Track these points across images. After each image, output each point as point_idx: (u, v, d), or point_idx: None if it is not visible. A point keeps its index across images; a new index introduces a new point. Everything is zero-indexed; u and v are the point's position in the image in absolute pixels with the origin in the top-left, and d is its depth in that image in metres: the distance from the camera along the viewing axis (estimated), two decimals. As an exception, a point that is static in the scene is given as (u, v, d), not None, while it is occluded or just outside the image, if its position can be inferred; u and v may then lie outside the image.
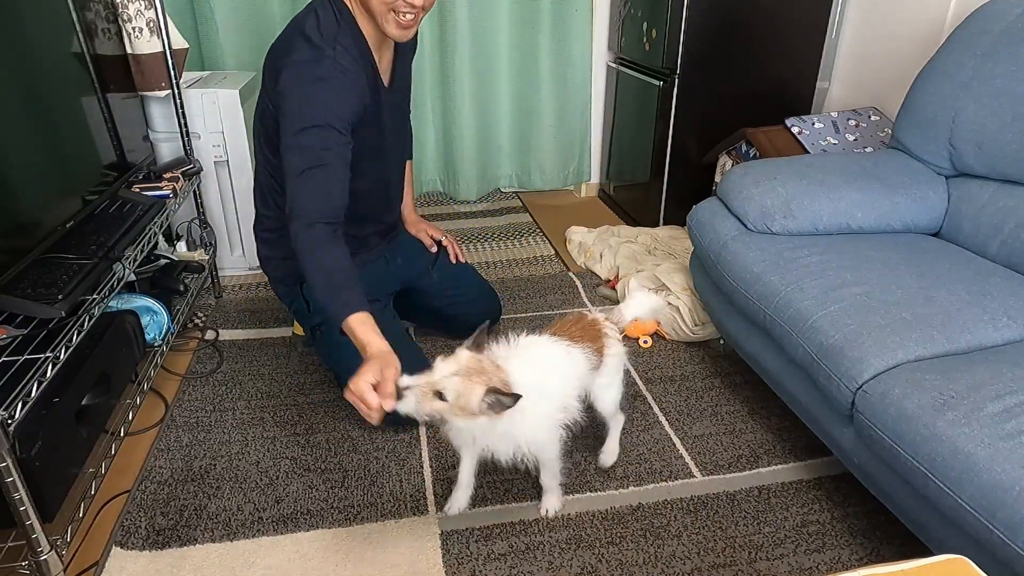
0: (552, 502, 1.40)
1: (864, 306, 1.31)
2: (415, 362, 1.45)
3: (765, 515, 1.40)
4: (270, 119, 1.48)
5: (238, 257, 2.43)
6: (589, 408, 1.42)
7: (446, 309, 1.94)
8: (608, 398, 1.45)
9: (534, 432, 1.24)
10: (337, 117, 1.38)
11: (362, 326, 1.25)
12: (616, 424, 1.54)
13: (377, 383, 1.14)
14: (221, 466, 1.53)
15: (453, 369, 1.12)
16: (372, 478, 1.50)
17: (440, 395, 1.11)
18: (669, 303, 2.04)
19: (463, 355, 1.15)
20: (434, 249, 1.96)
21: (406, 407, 1.13)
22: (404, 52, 1.65)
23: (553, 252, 2.66)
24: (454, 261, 1.98)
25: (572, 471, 1.52)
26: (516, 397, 1.10)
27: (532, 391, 1.16)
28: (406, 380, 1.14)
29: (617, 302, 2.22)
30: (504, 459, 1.26)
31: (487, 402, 1.11)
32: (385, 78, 1.57)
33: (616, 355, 1.41)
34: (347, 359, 1.61)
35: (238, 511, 1.41)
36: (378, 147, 1.61)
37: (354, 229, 1.68)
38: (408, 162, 1.93)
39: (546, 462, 1.34)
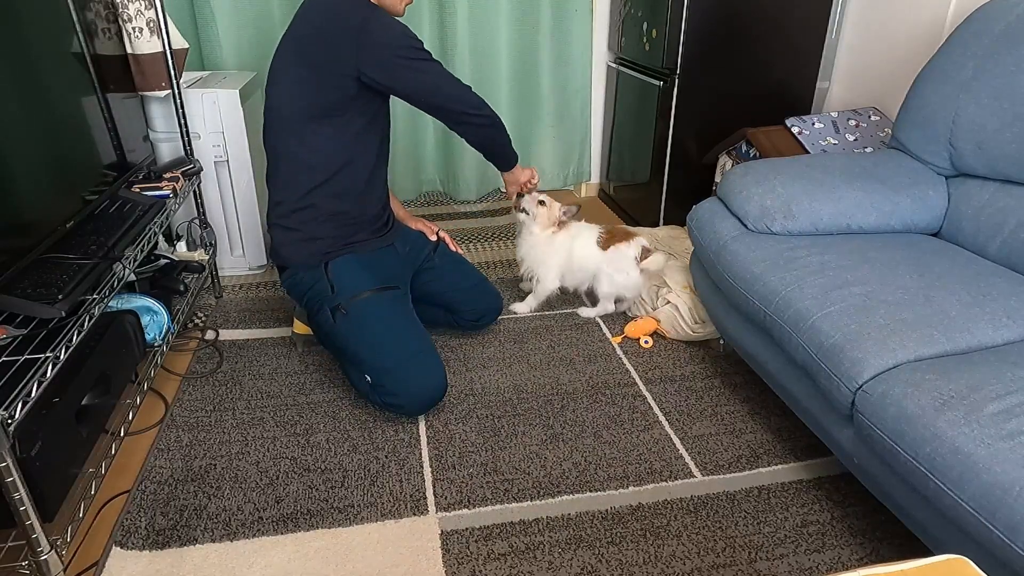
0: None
1: (864, 306, 1.31)
2: (425, 344, 1.69)
3: (765, 515, 1.40)
4: (329, 87, 1.58)
5: (238, 257, 2.43)
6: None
7: (448, 294, 1.97)
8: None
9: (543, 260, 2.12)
10: None
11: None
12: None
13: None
14: (221, 466, 1.53)
15: (542, 197, 2.11)
16: (372, 478, 1.50)
17: (540, 203, 2.07)
18: (669, 301, 2.04)
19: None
20: (434, 237, 2.02)
21: (526, 203, 2.08)
22: None
23: (553, 252, 2.66)
24: (454, 249, 2.06)
25: (572, 470, 1.52)
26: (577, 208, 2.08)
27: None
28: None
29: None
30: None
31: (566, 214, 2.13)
32: None
33: (624, 256, 2.07)
34: (377, 334, 1.65)
35: (238, 511, 1.41)
36: (388, 111, 1.77)
37: (379, 192, 1.80)
38: None
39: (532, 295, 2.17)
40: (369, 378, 1.64)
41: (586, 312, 2.19)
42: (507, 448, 1.59)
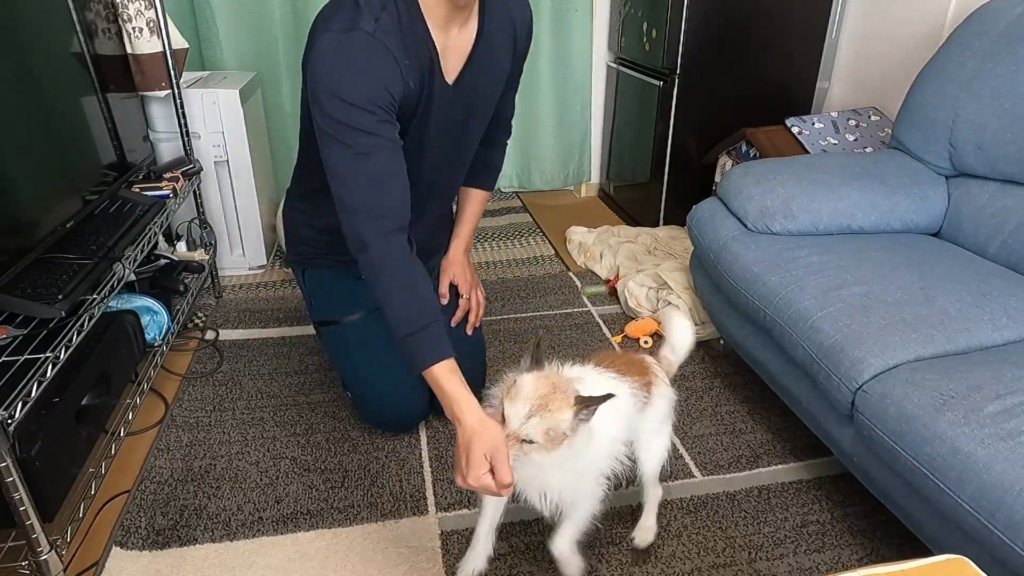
0: (571, 570, 1.17)
1: (864, 306, 1.31)
2: (400, 373, 1.46)
3: (765, 515, 1.40)
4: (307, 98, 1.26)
5: (238, 257, 2.43)
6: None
7: None
8: (655, 448, 1.25)
9: (578, 478, 1.08)
10: (378, 98, 1.16)
11: (451, 376, 1.10)
12: (654, 497, 1.34)
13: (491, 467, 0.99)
14: (221, 466, 1.53)
15: (524, 411, 0.98)
16: (372, 478, 1.50)
17: (528, 441, 0.99)
18: (670, 302, 2.04)
19: (527, 383, 1.00)
20: (444, 301, 1.67)
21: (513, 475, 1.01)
22: (491, 50, 1.35)
23: (553, 252, 2.66)
24: (469, 331, 1.70)
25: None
26: (606, 397, 0.98)
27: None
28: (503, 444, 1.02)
29: (606, 302, 2.23)
30: (538, 502, 1.11)
31: (581, 417, 0.99)
32: (449, 71, 1.30)
33: (666, 397, 1.23)
34: (350, 360, 1.61)
35: (238, 511, 1.41)
36: (415, 145, 1.35)
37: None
38: (481, 193, 1.72)
39: (577, 518, 1.14)
40: (349, 394, 1.67)
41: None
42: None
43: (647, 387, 1.18)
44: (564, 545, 1.15)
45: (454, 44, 1.29)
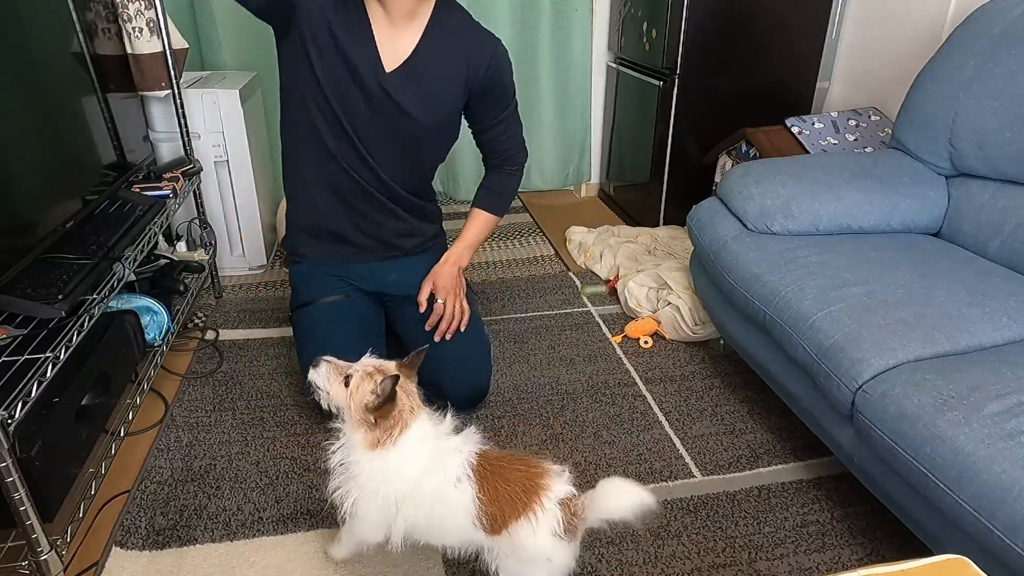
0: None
1: (864, 306, 1.31)
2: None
3: (765, 515, 1.40)
4: None
5: (238, 257, 2.43)
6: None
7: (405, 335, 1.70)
8: None
9: (360, 494, 1.09)
10: None
11: None
12: None
13: None
14: (221, 466, 1.53)
15: (373, 365, 1.08)
16: (372, 478, 1.50)
17: (347, 381, 1.06)
18: (670, 302, 2.04)
19: (388, 363, 1.10)
20: (421, 309, 1.63)
21: (316, 376, 1.10)
22: (427, 65, 1.50)
23: (553, 252, 2.66)
24: (437, 338, 1.60)
25: (572, 470, 1.51)
26: (394, 379, 1.01)
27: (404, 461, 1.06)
28: (329, 357, 1.11)
29: (606, 302, 2.23)
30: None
31: (376, 394, 1.02)
32: (387, 60, 1.48)
33: (531, 551, 1.01)
34: (322, 340, 1.59)
35: (238, 511, 1.41)
36: (354, 118, 1.50)
37: (335, 213, 1.64)
38: (484, 215, 1.73)
39: (346, 531, 1.19)
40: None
41: None
42: (507, 448, 1.59)
43: (499, 517, 1.03)
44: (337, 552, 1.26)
45: (391, 41, 1.47)
